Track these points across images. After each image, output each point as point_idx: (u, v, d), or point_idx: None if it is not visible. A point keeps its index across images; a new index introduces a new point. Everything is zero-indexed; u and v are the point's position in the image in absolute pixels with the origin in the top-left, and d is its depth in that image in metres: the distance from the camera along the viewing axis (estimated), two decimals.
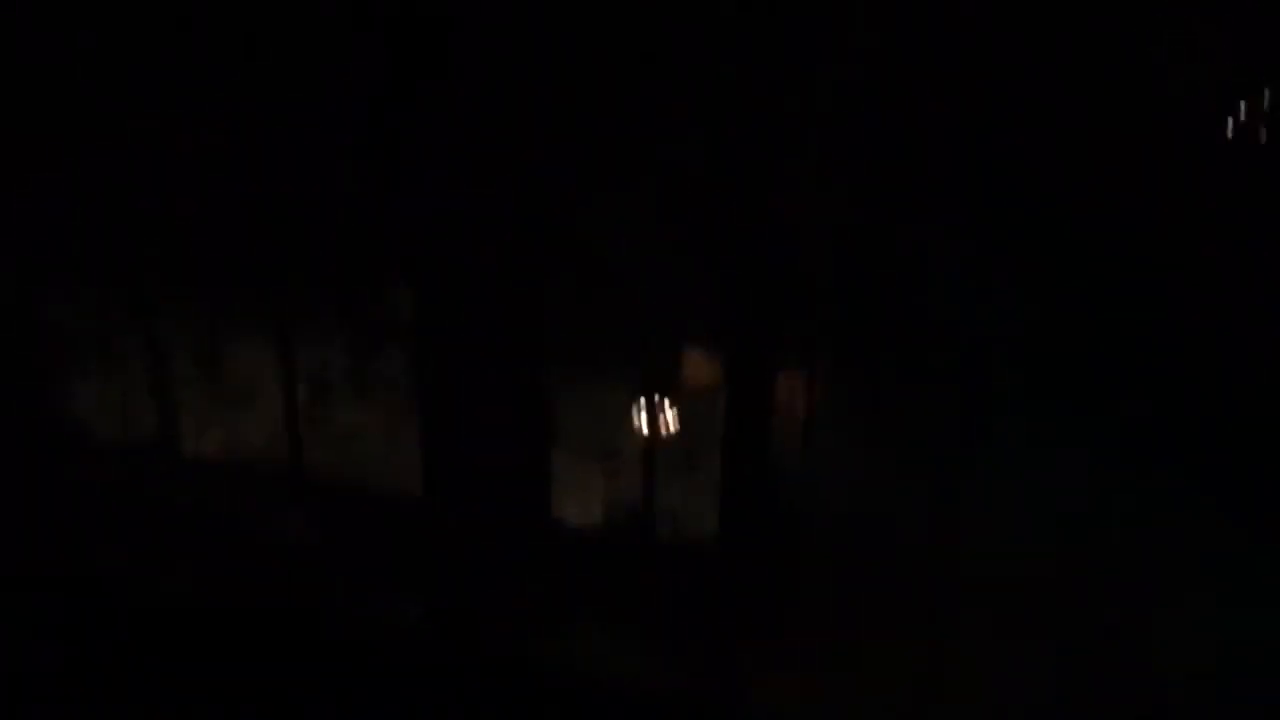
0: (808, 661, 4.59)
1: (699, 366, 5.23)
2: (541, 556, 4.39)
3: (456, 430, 4.19)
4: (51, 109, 4.62)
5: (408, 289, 5.04)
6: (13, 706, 4.52)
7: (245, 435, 5.27)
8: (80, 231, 4.99)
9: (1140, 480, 4.72)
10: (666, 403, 5.19)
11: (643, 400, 5.07)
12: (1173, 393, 4.59)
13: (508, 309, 4.04)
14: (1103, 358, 4.59)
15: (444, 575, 4.43)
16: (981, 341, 4.51)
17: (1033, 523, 4.78)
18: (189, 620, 4.83)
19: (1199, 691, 4.47)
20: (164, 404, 5.36)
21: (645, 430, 4.97)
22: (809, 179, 3.98)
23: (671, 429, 5.13)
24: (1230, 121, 4.05)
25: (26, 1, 4.40)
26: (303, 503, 5.12)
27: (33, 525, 5.15)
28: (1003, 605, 4.68)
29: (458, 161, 3.94)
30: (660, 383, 5.21)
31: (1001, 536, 4.75)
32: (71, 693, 4.67)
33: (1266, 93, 3.97)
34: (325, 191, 4.86)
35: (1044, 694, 4.50)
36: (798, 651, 4.64)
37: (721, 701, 4.46)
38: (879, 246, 4.27)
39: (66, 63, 4.52)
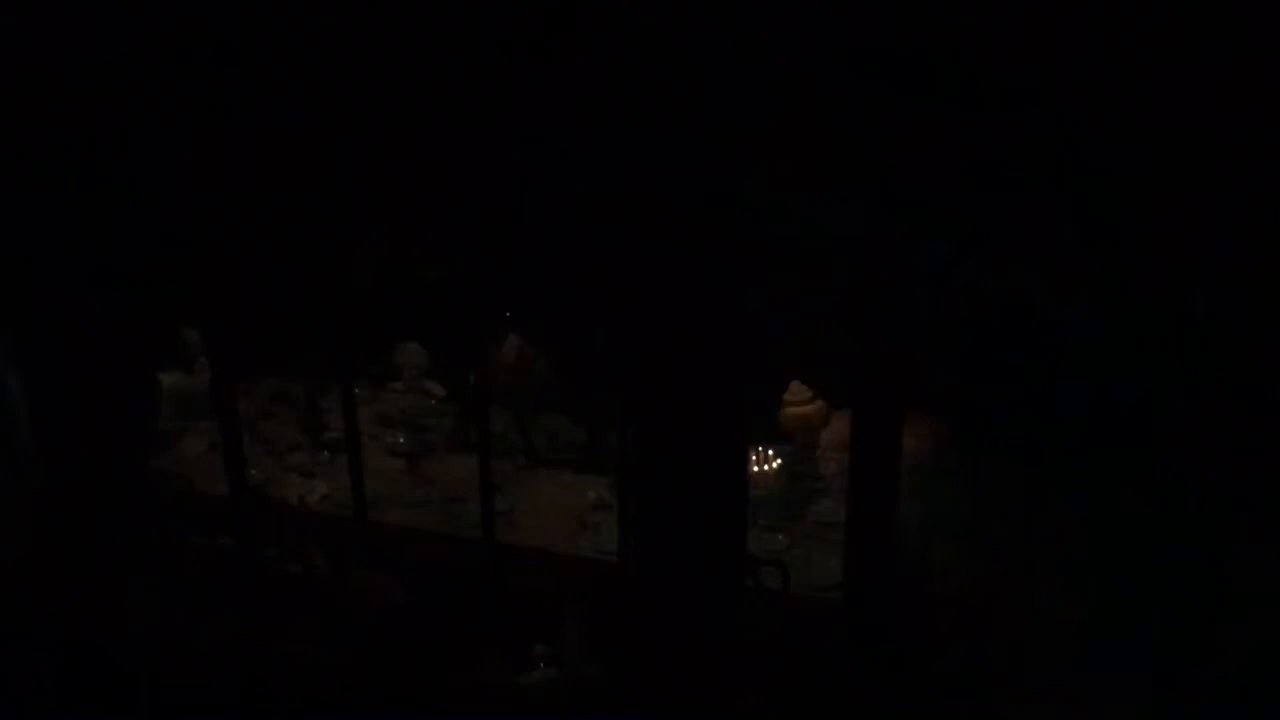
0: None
1: (805, 405, 5.08)
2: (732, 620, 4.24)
3: (663, 501, 4.04)
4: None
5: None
6: None
7: (346, 489, 5.14)
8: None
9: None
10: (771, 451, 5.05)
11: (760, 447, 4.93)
12: None
13: (714, 379, 3.91)
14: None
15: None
16: (1115, 408, 4.30)
17: (1164, 600, 4.51)
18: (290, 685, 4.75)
19: None
20: (269, 457, 5.29)
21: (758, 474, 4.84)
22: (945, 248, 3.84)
23: (776, 472, 4.99)
24: None
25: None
26: (400, 561, 4.99)
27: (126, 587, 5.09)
28: (1137, 682, 4.43)
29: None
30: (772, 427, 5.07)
31: (1132, 610, 4.50)
32: None
33: None
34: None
35: None
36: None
37: None
38: (1013, 308, 4.09)
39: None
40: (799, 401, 5.05)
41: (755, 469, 4.87)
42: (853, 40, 3.54)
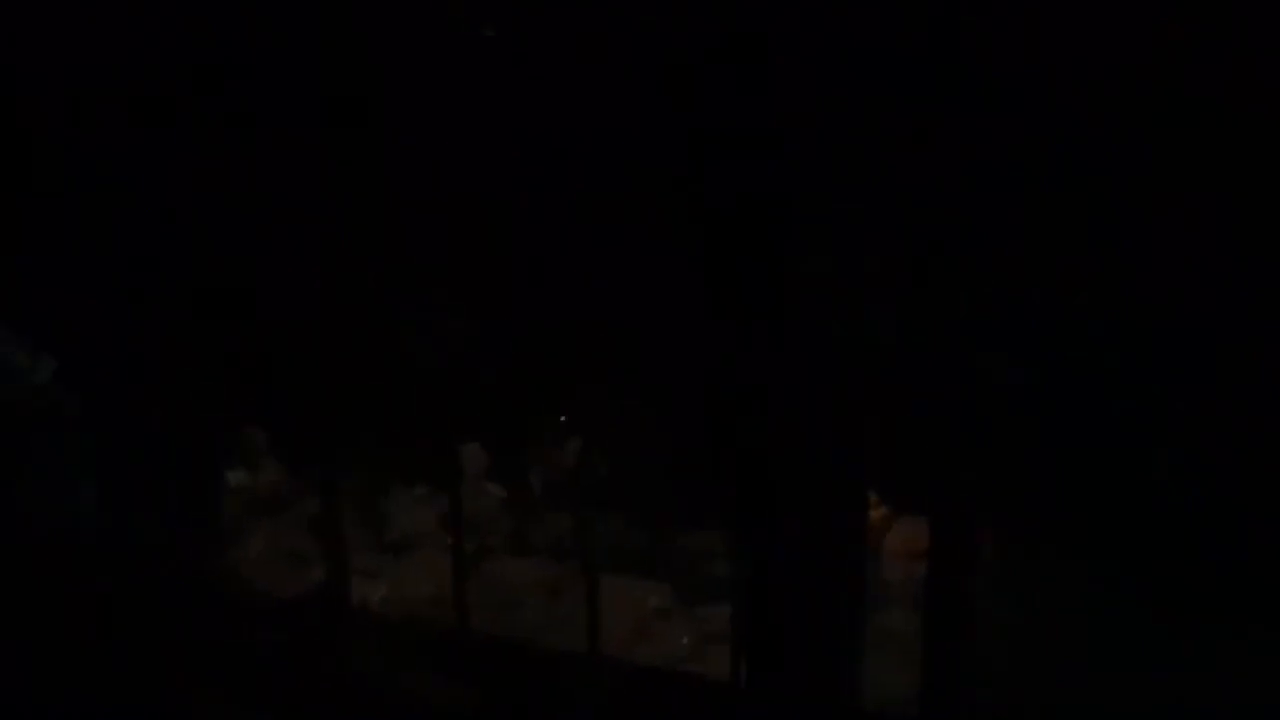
0: None
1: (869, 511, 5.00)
2: None
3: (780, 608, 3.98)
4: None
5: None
6: None
7: (407, 590, 5.14)
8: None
9: None
10: None
11: None
12: None
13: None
14: None
15: None
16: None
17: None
18: None
19: None
20: (331, 556, 5.29)
21: None
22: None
23: None
24: None
25: None
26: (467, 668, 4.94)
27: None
28: None
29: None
30: None
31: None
32: None
33: None
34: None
35: None
36: None
37: None
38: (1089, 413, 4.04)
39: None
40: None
41: None
42: None
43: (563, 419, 5.16)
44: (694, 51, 3.91)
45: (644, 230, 4.19)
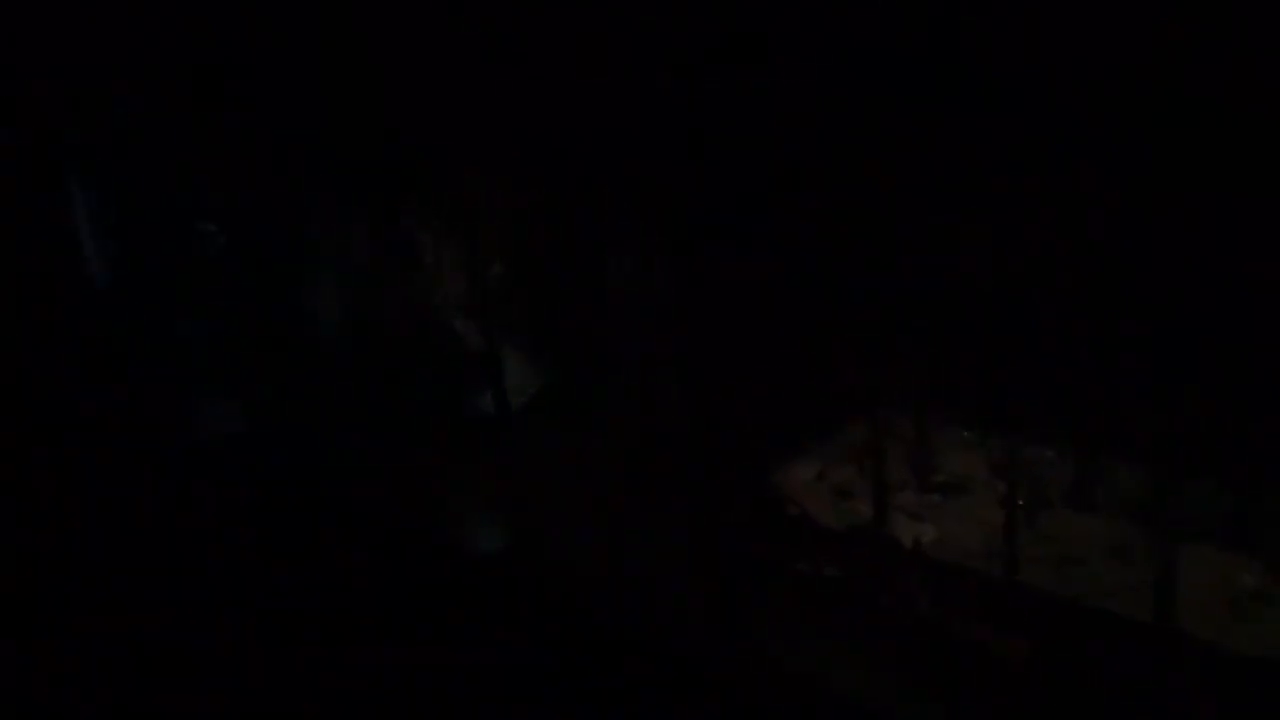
0: None
1: None
2: None
3: None
4: None
5: None
6: None
7: (955, 536, 4.93)
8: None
9: None
10: None
11: None
12: None
13: None
14: None
15: None
16: None
17: None
18: None
19: None
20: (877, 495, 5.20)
21: None
22: None
23: None
24: None
25: None
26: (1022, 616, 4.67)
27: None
28: None
29: None
30: None
31: None
32: None
33: None
34: None
35: None
36: None
37: None
38: None
39: None
40: None
41: None
42: None
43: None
44: None
45: None
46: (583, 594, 5.38)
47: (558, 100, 5.55)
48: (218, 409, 7.27)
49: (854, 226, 5.03)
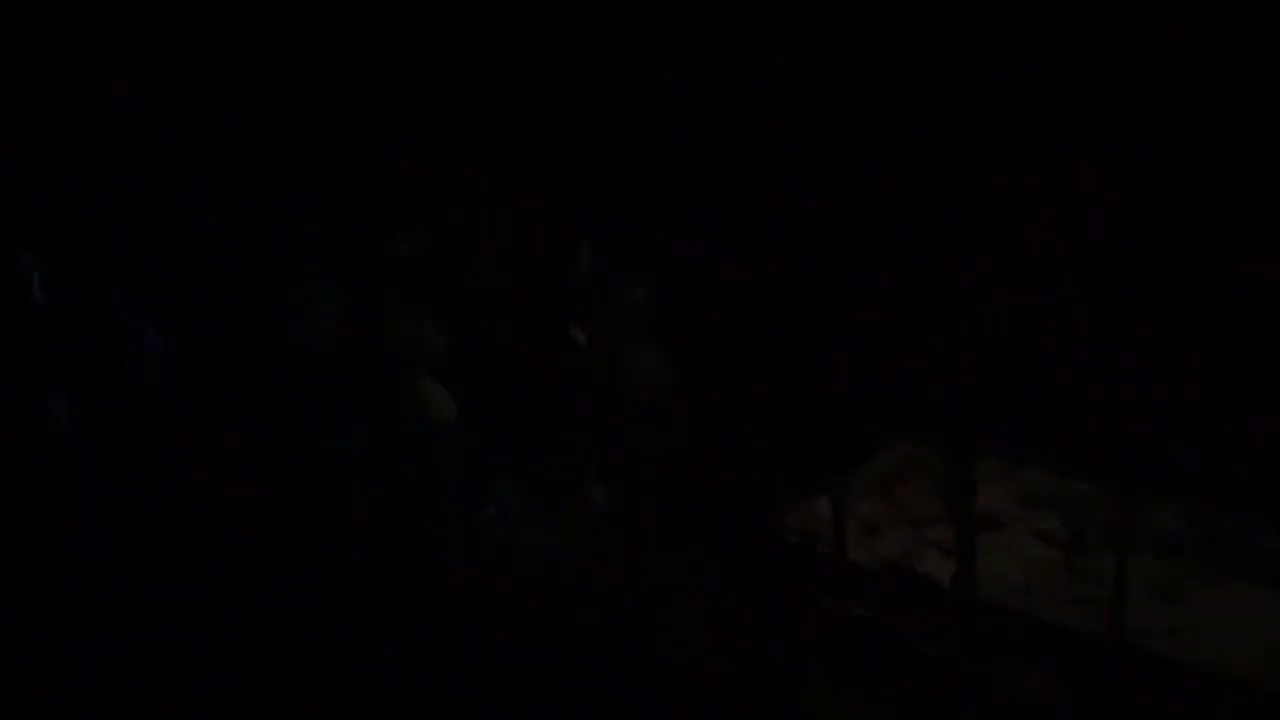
0: None
1: None
2: None
3: None
4: None
5: None
6: None
7: (992, 572, 4.76)
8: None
9: None
10: None
11: None
12: None
13: None
14: None
15: None
16: None
17: None
18: None
19: None
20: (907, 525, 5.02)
21: None
22: None
23: None
24: None
25: None
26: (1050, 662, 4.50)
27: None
28: None
29: None
30: None
31: None
32: None
33: None
34: None
35: None
36: None
37: None
38: None
39: None
40: None
41: None
42: None
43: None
44: None
45: None
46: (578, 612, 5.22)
47: (557, 100, 5.38)
48: (212, 407, 7.10)
49: (861, 232, 4.90)
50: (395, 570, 5.79)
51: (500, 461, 5.94)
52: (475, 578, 5.68)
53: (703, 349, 5.34)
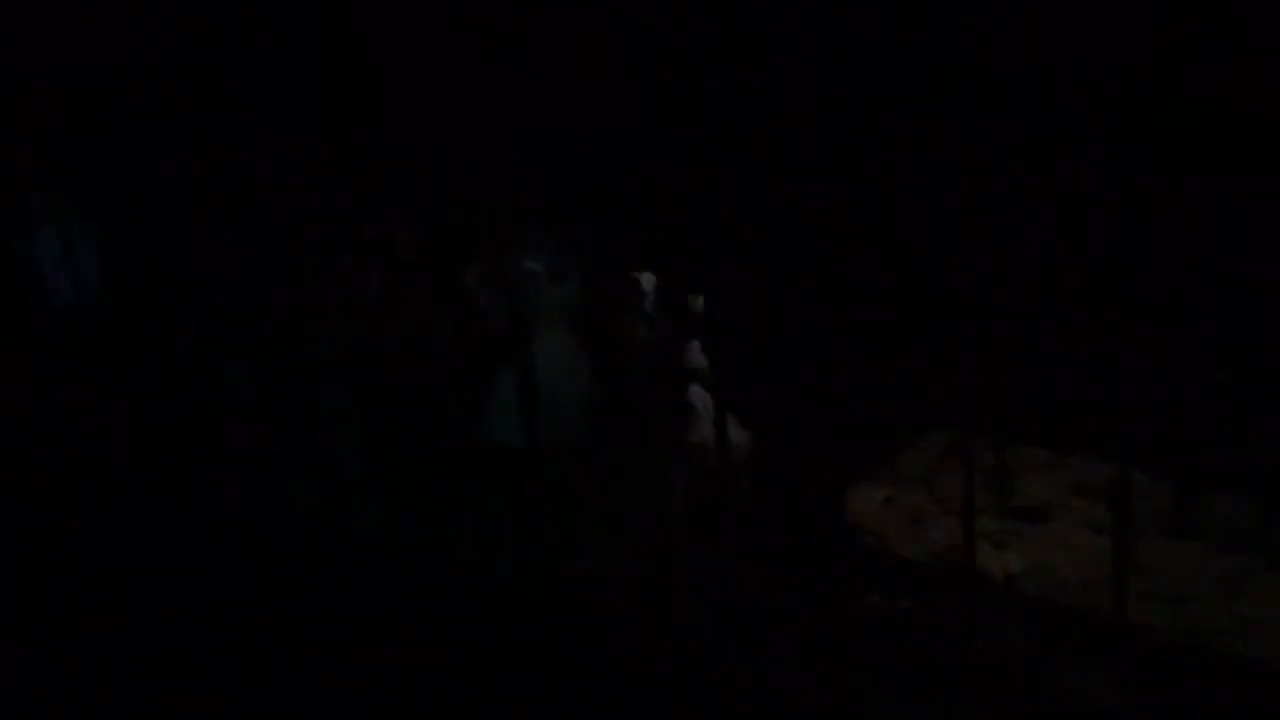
0: None
1: None
2: None
3: None
4: None
5: None
6: None
7: (1044, 566, 4.59)
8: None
9: None
10: None
11: None
12: None
13: None
14: None
15: None
16: None
17: None
18: None
19: None
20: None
21: None
22: None
23: None
24: None
25: None
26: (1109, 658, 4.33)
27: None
28: None
29: None
30: None
31: None
32: None
33: None
34: None
35: None
36: None
37: None
38: None
39: None
40: None
41: None
42: None
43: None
44: None
45: None
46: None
47: (556, 101, 5.19)
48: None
49: (861, 231, 4.75)
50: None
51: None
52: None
53: (742, 349, 5.17)
